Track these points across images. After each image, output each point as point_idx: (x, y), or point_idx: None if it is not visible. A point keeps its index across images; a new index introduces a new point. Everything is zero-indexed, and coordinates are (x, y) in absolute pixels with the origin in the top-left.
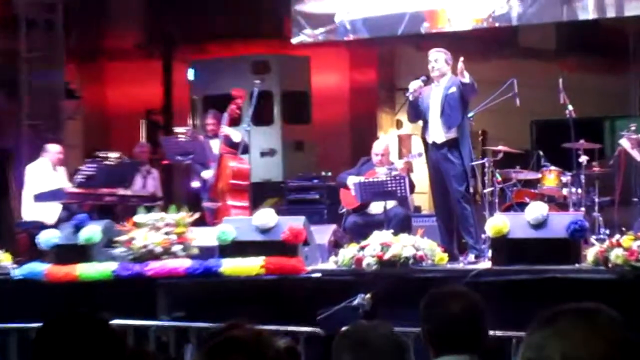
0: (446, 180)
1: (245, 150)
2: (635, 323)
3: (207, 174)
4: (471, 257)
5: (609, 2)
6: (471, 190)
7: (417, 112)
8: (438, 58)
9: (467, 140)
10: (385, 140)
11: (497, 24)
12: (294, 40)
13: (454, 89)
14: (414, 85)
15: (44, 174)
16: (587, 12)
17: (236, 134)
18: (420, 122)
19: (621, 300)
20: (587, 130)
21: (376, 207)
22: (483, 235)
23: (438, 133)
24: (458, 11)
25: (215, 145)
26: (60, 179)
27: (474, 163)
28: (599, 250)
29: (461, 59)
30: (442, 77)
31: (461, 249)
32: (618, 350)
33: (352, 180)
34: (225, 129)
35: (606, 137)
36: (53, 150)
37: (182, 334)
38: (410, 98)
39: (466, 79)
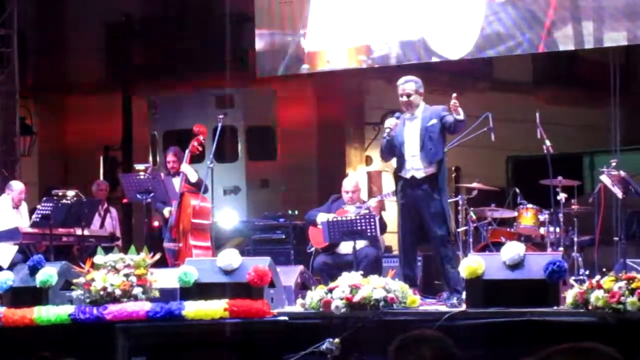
0: (424, 220)
1: (205, 190)
2: None
3: (167, 211)
4: (454, 301)
5: (587, 33)
6: (451, 230)
7: (392, 150)
8: (409, 89)
9: (446, 176)
10: (356, 177)
11: (376, 65)
12: (260, 73)
13: (434, 121)
14: (390, 123)
15: (5, 212)
16: (567, 43)
17: (193, 174)
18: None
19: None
20: (565, 166)
21: (346, 247)
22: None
23: (419, 168)
24: (338, 52)
25: (177, 183)
26: (20, 218)
27: (450, 201)
28: (579, 292)
29: (454, 95)
30: (415, 108)
31: (434, 290)
32: None
33: (322, 217)
34: (184, 167)
35: (585, 173)
36: (17, 188)
37: None
38: (388, 137)
39: (460, 116)
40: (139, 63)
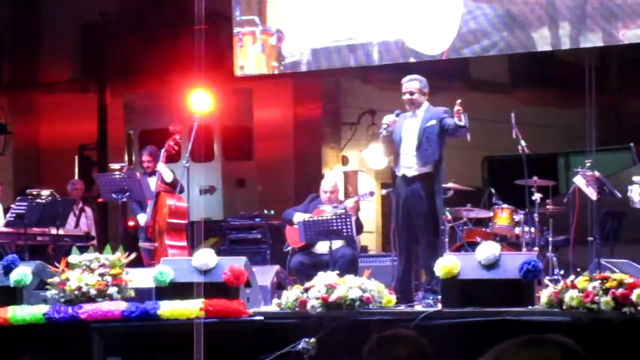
0: (414, 219)
1: (181, 190)
2: None
3: (142, 218)
4: (430, 300)
5: (564, 34)
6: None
7: (392, 146)
8: (413, 88)
9: (443, 179)
10: (334, 178)
11: (287, 71)
12: (237, 73)
13: (433, 122)
14: (388, 119)
15: None
16: (544, 44)
17: (168, 174)
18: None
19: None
20: (540, 166)
21: (322, 247)
22: None
23: (410, 167)
24: (250, 59)
25: (153, 183)
26: None
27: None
28: (553, 292)
29: (458, 101)
30: (418, 107)
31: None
32: None
33: (298, 217)
34: (159, 167)
35: (560, 173)
36: None
37: None
38: (384, 133)
39: (462, 122)
40: (114, 61)
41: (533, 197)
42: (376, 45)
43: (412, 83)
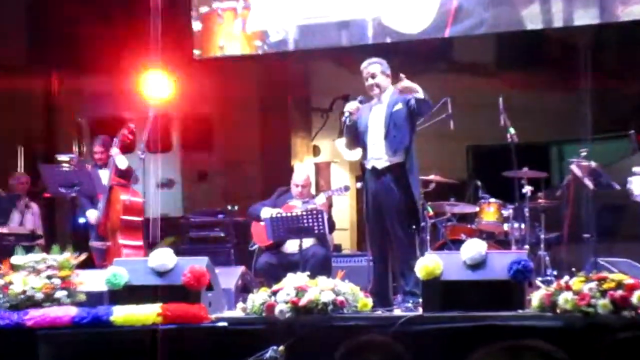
0: (386, 214)
1: (136, 180)
2: None
3: (92, 214)
4: (410, 304)
5: (556, 11)
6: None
7: (357, 137)
8: (375, 72)
9: (416, 167)
10: (307, 171)
11: (272, 50)
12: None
13: (400, 106)
14: (351, 106)
15: None
16: (534, 22)
17: (122, 160)
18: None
19: (569, 350)
20: (531, 156)
21: (292, 246)
22: None
23: (380, 157)
24: (231, 37)
25: (105, 176)
26: None
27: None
28: (545, 294)
29: (402, 75)
30: (383, 91)
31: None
32: None
33: (265, 213)
34: (113, 152)
35: (553, 164)
36: None
37: None
38: (348, 122)
39: (420, 94)
40: (62, 44)
41: (523, 190)
42: (370, 21)
43: (372, 66)
